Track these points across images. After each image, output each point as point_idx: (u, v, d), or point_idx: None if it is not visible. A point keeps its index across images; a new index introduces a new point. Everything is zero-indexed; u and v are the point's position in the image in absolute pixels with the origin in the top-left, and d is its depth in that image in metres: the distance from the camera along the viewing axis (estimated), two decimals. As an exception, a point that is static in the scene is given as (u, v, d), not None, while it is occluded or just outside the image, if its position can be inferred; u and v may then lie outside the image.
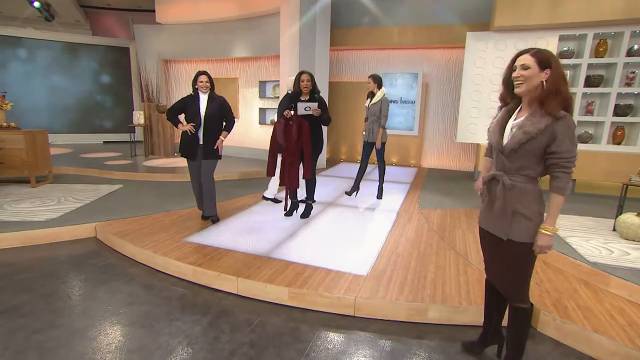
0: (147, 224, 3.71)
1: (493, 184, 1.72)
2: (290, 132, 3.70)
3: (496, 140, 1.69)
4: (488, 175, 1.74)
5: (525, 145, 1.56)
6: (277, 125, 3.77)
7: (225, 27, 7.59)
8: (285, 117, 3.69)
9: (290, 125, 3.70)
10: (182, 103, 3.66)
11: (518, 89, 1.60)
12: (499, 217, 1.69)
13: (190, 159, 3.70)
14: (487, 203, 1.79)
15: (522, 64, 1.58)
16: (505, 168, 1.66)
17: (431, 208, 4.62)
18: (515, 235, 1.64)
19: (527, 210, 1.62)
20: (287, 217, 4.11)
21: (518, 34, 5.63)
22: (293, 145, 3.71)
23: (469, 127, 6.19)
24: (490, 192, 1.75)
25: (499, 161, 1.69)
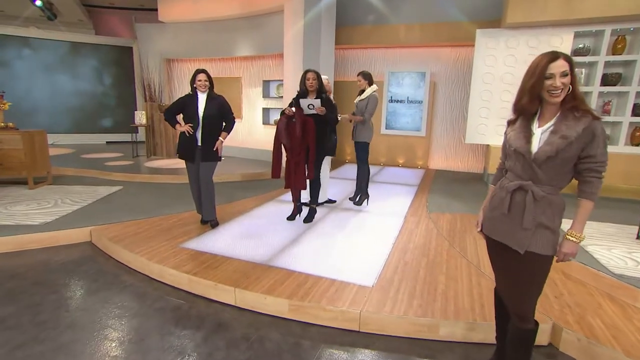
0: (144, 228, 3.57)
1: (519, 194, 1.56)
2: (294, 131, 3.52)
3: (525, 147, 1.53)
4: (513, 184, 1.58)
5: (563, 151, 1.44)
6: (279, 124, 3.60)
7: (228, 26, 7.46)
8: (288, 115, 3.53)
9: (293, 123, 3.53)
10: (180, 103, 3.52)
11: (556, 99, 1.47)
12: (520, 229, 1.55)
13: (188, 161, 3.56)
14: (502, 213, 1.63)
15: (562, 71, 1.44)
16: (536, 178, 1.52)
17: (440, 212, 4.42)
18: (537, 248, 1.52)
19: (551, 222, 1.52)
20: (289, 221, 3.95)
21: (531, 30, 5.41)
22: (297, 145, 3.55)
23: (478, 127, 5.98)
24: (513, 203, 1.58)
25: (527, 170, 1.55)
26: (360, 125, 4.40)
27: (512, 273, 1.62)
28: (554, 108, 1.53)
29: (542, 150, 1.49)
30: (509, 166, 1.68)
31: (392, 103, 7.69)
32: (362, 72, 4.41)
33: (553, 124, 1.51)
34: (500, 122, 5.83)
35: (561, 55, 1.47)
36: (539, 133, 1.54)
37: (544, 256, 1.52)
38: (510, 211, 1.60)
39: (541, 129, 1.54)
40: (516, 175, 1.60)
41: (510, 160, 1.65)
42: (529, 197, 1.52)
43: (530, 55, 5.57)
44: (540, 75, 1.49)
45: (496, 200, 1.69)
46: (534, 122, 1.58)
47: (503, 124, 6.00)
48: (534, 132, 1.55)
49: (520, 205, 1.56)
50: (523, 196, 1.55)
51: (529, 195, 1.52)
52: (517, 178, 1.60)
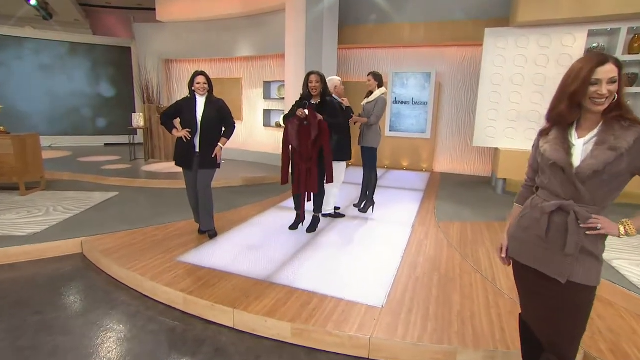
0: (139, 239, 3.38)
1: (558, 216, 1.37)
2: (307, 134, 3.31)
3: (565, 161, 1.33)
4: (551, 205, 1.38)
5: (612, 165, 1.25)
6: (290, 127, 3.39)
7: (228, 25, 7.27)
8: (299, 116, 3.32)
9: (306, 126, 3.32)
10: (177, 106, 3.33)
11: (600, 107, 1.28)
12: (561, 255, 1.36)
13: (185, 168, 3.36)
14: (537, 236, 1.43)
15: (610, 77, 1.26)
16: (578, 196, 1.33)
17: (449, 220, 4.22)
18: (580, 277, 1.33)
19: (595, 248, 1.33)
20: (291, 230, 3.75)
21: (542, 29, 5.20)
22: (309, 149, 3.34)
23: (486, 130, 5.78)
24: (552, 225, 1.39)
25: (568, 188, 1.35)
26: (367, 129, 4.20)
27: (550, 306, 1.42)
28: (595, 117, 1.34)
29: (586, 163, 1.30)
30: (542, 183, 1.48)
31: (396, 104, 7.49)
32: (373, 72, 4.21)
33: (596, 134, 1.33)
34: (509, 124, 5.62)
35: (610, 59, 1.27)
36: (581, 144, 1.35)
37: (588, 287, 1.33)
38: (548, 235, 1.40)
39: (582, 139, 1.35)
40: (553, 193, 1.41)
41: (545, 175, 1.45)
42: (571, 219, 1.33)
43: (541, 55, 5.39)
44: (585, 81, 1.29)
45: (527, 221, 1.49)
46: (572, 133, 1.39)
47: (512, 126, 5.82)
48: (574, 144, 1.36)
49: (560, 228, 1.37)
50: (564, 218, 1.35)
51: (571, 216, 1.33)
52: (554, 197, 1.40)
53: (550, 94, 1.41)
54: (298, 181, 3.43)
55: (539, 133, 1.51)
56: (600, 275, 1.34)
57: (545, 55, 5.24)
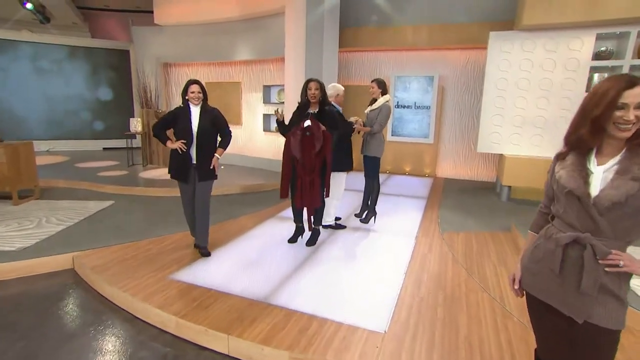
0: (132, 254, 3.26)
1: (574, 249, 1.24)
2: (310, 145, 3.19)
3: (582, 190, 1.21)
4: (566, 236, 1.26)
5: (634, 197, 1.13)
6: (292, 137, 3.26)
7: (227, 29, 7.15)
8: (303, 128, 3.19)
9: (309, 137, 3.19)
10: (171, 116, 3.20)
11: (625, 133, 1.17)
12: (577, 293, 1.23)
13: (182, 181, 3.24)
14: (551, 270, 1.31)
15: (639, 101, 1.13)
16: (596, 229, 1.20)
17: (453, 231, 4.09)
18: (601, 320, 1.20)
19: (618, 288, 1.20)
20: (290, 243, 3.63)
21: (548, 33, 5.06)
22: (312, 160, 3.22)
23: (491, 136, 5.64)
24: (567, 259, 1.26)
25: (584, 219, 1.23)
26: (370, 138, 4.08)
27: (567, 345, 1.29)
28: (618, 143, 1.22)
29: (605, 194, 1.17)
30: (557, 212, 1.35)
31: (398, 109, 7.36)
32: (376, 79, 4.08)
33: (618, 162, 1.20)
34: (514, 130, 5.49)
35: (639, 82, 1.15)
36: (600, 172, 1.22)
37: (610, 331, 1.20)
38: (563, 270, 1.28)
39: (602, 167, 1.23)
40: (568, 224, 1.28)
41: (560, 204, 1.33)
42: (587, 253, 1.20)
43: (548, 60, 5.24)
44: (611, 105, 1.17)
45: (541, 253, 1.37)
46: (591, 159, 1.27)
47: (518, 132, 5.68)
48: (593, 171, 1.24)
49: (576, 263, 1.24)
50: (579, 252, 1.23)
51: (587, 251, 1.20)
52: (569, 228, 1.28)
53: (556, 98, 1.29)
54: (301, 194, 3.30)
55: (555, 157, 1.38)
56: (624, 318, 1.21)
57: (552, 59, 5.10)
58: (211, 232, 3.76)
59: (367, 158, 4.19)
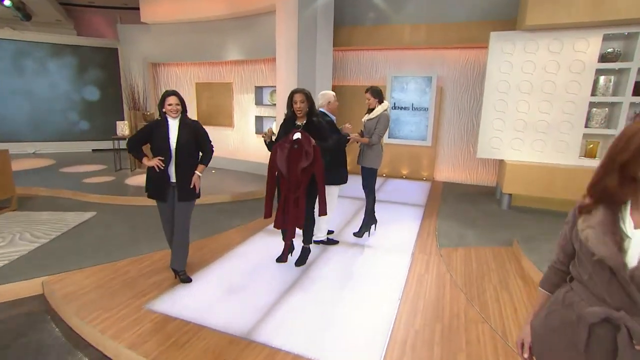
0: (108, 278, 3.04)
1: (604, 329, 1.03)
2: (297, 159, 2.94)
3: (617, 259, 0.99)
4: (594, 312, 1.04)
5: None
6: (279, 150, 3.00)
7: (217, 27, 6.85)
8: (291, 140, 2.94)
9: (297, 150, 2.95)
10: (147, 131, 2.96)
11: None
12: None
13: (160, 201, 3.00)
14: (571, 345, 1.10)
15: None
16: (633, 307, 0.99)
17: (451, 247, 3.89)
18: None
19: None
20: (279, 263, 3.42)
21: (552, 33, 4.80)
22: (299, 176, 2.98)
23: (491, 141, 5.41)
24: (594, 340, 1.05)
25: (618, 293, 1.01)
26: (367, 148, 3.85)
27: None
28: None
29: None
30: (578, 276, 1.13)
31: (395, 110, 7.11)
32: (370, 88, 3.83)
33: None
34: (516, 135, 5.26)
35: None
36: (638, 237, 1.00)
37: None
38: (589, 351, 1.06)
39: None
40: (595, 295, 1.06)
41: (584, 269, 1.10)
42: (622, 337, 0.99)
43: (552, 61, 4.99)
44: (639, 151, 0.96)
45: (557, 321, 1.15)
46: (625, 217, 1.04)
47: (519, 137, 5.45)
48: (629, 235, 1.01)
49: (606, 345, 1.03)
50: (611, 333, 1.01)
51: (622, 334, 0.99)
52: (596, 300, 1.06)
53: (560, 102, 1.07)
54: (283, 214, 3.07)
55: (577, 209, 1.15)
56: None
57: (556, 61, 4.85)
58: (194, 250, 3.56)
59: (363, 169, 3.97)
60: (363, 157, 3.92)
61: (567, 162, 5.03)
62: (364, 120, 3.98)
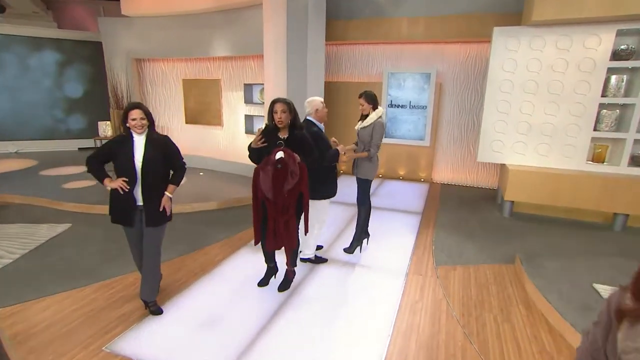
0: (70, 309, 2.77)
1: None
2: (283, 180, 2.65)
3: None
4: None
5: None
6: (262, 173, 2.69)
7: (203, 21, 6.44)
8: (274, 161, 2.64)
9: (281, 170, 2.64)
10: (109, 148, 2.65)
11: None
12: None
13: (126, 226, 2.71)
14: None
15: None
16: None
17: (449, 265, 3.61)
18: None
19: None
20: (261, 287, 3.15)
21: (561, 29, 4.43)
22: (286, 198, 2.68)
23: (492, 144, 5.09)
24: None
25: None
26: (363, 159, 3.55)
27: None
28: None
29: None
30: None
31: (392, 108, 6.76)
32: (364, 93, 3.49)
33: None
34: (519, 138, 4.94)
35: None
36: None
37: None
38: None
39: None
40: None
41: None
42: None
43: (560, 59, 4.63)
44: None
45: None
46: None
47: (523, 140, 5.13)
48: None
49: None
50: None
51: None
52: None
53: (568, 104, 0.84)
54: (274, 237, 2.78)
55: (617, 313, 0.85)
56: None
57: (564, 59, 4.50)
58: (171, 272, 3.30)
59: (358, 180, 3.68)
60: (358, 168, 3.63)
61: (574, 167, 4.73)
62: (357, 129, 3.66)
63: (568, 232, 4.43)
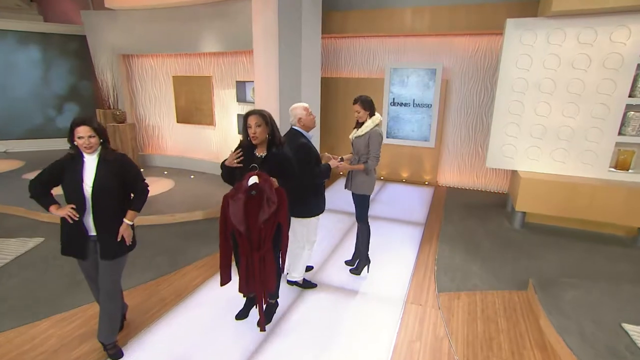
0: (16, 352, 2.44)
1: None
2: (258, 210, 2.23)
3: None
4: None
5: None
6: (232, 203, 2.26)
7: (191, 15, 6.00)
8: (246, 187, 2.24)
9: (255, 198, 2.24)
10: (57, 169, 2.28)
11: None
12: None
13: (78, 258, 2.36)
14: None
15: None
16: None
17: (452, 291, 3.22)
18: None
19: None
20: (238, 320, 2.80)
21: (584, 20, 3.93)
22: (261, 230, 2.28)
23: (504, 148, 4.63)
24: None
25: None
26: (358, 172, 3.16)
27: None
28: None
29: None
30: None
31: (394, 106, 6.29)
32: (360, 98, 3.09)
33: None
34: (533, 142, 4.48)
35: None
36: None
37: None
38: None
39: None
40: None
41: None
42: None
43: (581, 55, 4.10)
44: None
45: None
46: None
47: (537, 145, 4.66)
48: None
49: None
50: None
51: None
52: None
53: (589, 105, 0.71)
54: (246, 277, 2.40)
55: None
56: None
57: (587, 54, 4.00)
58: (141, 299, 2.98)
59: (354, 196, 3.29)
60: (352, 182, 3.24)
61: (594, 175, 4.27)
62: (351, 138, 3.26)
63: (586, 248, 4.00)
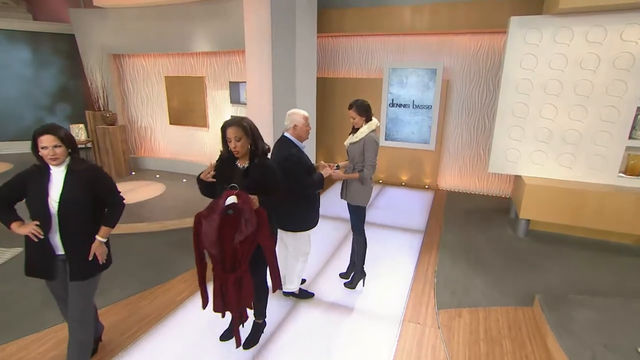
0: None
1: None
2: (234, 230, 2.01)
3: None
4: None
5: None
6: (205, 223, 2.04)
7: (183, 13, 5.79)
8: (222, 207, 2.00)
9: (231, 217, 2.01)
10: (20, 182, 2.08)
11: None
12: None
13: (45, 279, 2.17)
14: None
15: None
16: None
17: (453, 307, 3.02)
18: None
19: None
20: (222, 342, 2.61)
21: (593, 18, 3.72)
22: (237, 252, 2.06)
23: (507, 152, 4.43)
24: None
25: None
26: (353, 181, 2.97)
27: None
28: None
29: None
30: None
31: (393, 108, 6.09)
32: (355, 103, 2.89)
33: None
34: (538, 146, 4.27)
35: None
36: None
37: None
38: None
39: None
40: None
41: None
42: None
43: (590, 55, 3.88)
44: None
45: None
46: None
47: (542, 149, 4.45)
48: None
49: None
50: None
51: None
52: None
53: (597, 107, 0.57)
54: (222, 297, 2.21)
55: None
56: None
57: (596, 54, 3.79)
58: (120, 317, 2.81)
59: (350, 207, 3.09)
60: (348, 192, 3.04)
61: (603, 181, 4.06)
62: (346, 144, 3.07)
63: (595, 259, 3.80)
